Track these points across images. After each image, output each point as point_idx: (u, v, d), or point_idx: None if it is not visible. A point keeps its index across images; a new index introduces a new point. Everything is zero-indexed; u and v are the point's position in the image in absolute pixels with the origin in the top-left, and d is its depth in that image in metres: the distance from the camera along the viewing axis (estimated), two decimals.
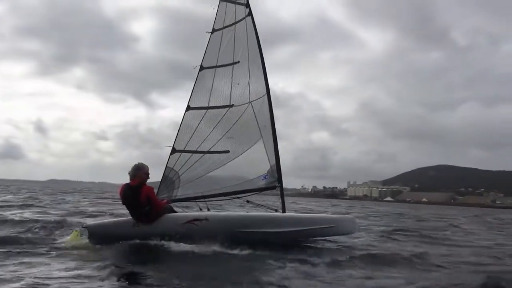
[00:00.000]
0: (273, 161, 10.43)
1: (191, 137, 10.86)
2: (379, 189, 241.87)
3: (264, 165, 10.48)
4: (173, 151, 10.79)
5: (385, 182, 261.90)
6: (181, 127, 11.00)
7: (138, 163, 9.12)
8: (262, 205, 10.68)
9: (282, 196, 10.28)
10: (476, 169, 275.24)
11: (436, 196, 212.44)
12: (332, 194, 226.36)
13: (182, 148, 10.78)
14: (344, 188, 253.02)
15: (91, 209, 18.41)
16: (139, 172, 8.91)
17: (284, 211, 10.15)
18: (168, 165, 10.65)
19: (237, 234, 8.78)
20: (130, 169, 8.94)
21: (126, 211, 9.25)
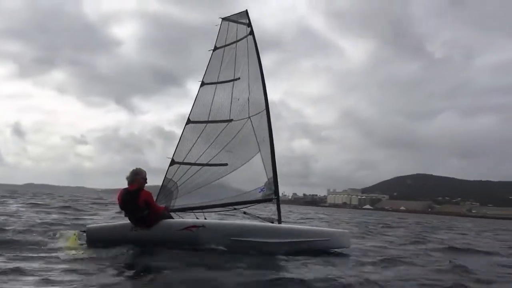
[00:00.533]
0: (271, 174, 10.86)
1: (190, 149, 11.22)
2: (359, 197, 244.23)
3: (261, 178, 10.89)
4: (172, 162, 11.13)
5: (365, 190, 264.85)
6: (181, 139, 11.36)
7: (136, 168, 9.41)
8: (258, 217, 11.04)
9: (279, 208, 10.66)
10: (453, 178, 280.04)
11: (414, 204, 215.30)
12: (312, 201, 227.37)
13: (181, 160, 11.13)
14: (324, 196, 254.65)
15: None
16: (138, 177, 9.20)
17: (280, 223, 10.53)
18: (167, 176, 11.00)
19: (232, 242, 9.21)
20: (128, 174, 9.26)
21: None
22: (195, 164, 11.11)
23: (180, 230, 9.21)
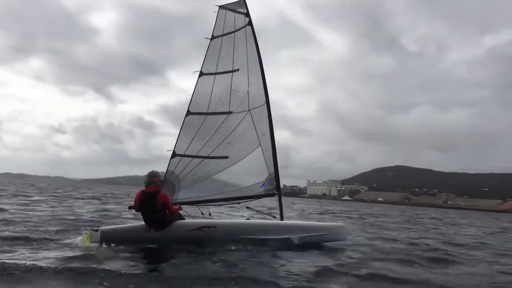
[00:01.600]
0: (272, 169, 10.95)
1: (191, 142, 11.06)
2: (338, 188, 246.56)
3: (262, 172, 10.97)
4: (174, 155, 10.95)
5: (344, 182, 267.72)
6: (181, 131, 11.16)
7: (153, 170, 9.56)
8: (261, 211, 11.29)
9: (280, 204, 10.84)
10: (431, 170, 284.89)
11: (392, 195, 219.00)
12: (291, 192, 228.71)
13: (182, 153, 10.98)
14: (304, 187, 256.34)
15: None
16: (155, 179, 9.34)
17: (282, 218, 10.77)
18: (168, 169, 10.82)
19: (241, 240, 9.48)
20: (145, 177, 9.34)
21: None
22: (196, 156, 10.98)
23: (192, 231, 9.41)
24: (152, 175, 9.36)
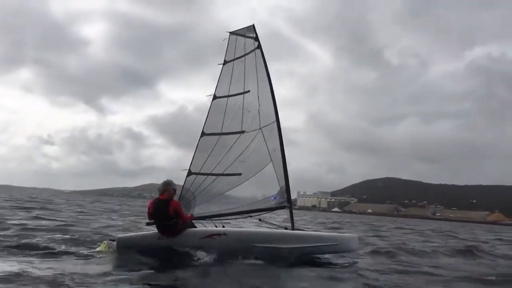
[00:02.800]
0: (283, 183, 11.45)
1: (205, 160, 11.71)
2: (328, 200, 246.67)
3: (274, 186, 11.47)
4: (189, 173, 11.61)
5: (334, 193, 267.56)
6: (196, 151, 11.83)
7: (168, 179, 10.05)
8: (273, 224, 11.64)
9: (291, 215, 11.25)
10: (420, 182, 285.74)
11: (381, 207, 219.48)
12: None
13: (197, 171, 11.63)
14: (295, 199, 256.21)
15: None
16: (169, 187, 9.81)
17: (293, 229, 11.11)
18: (184, 186, 11.46)
19: (251, 248, 9.81)
20: (160, 185, 9.89)
21: None
22: (210, 174, 11.60)
23: (203, 238, 9.77)
24: (167, 184, 9.81)
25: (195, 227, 10.33)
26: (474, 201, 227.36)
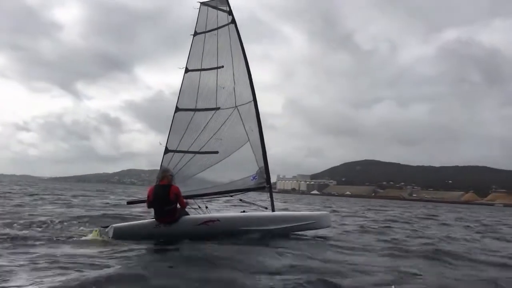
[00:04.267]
0: (261, 163, 11.38)
1: (181, 137, 11.42)
2: (307, 182, 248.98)
3: (252, 166, 11.39)
4: (166, 151, 11.33)
5: (314, 176, 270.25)
6: (172, 127, 11.49)
7: (165, 166, 10.52)
8: (254, 203, 11.83)
9: (271, 196, 11.40)
10: (398, 164, 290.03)
11: (359, 189, 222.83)
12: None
13: (174, 148, 11.35)
14: (274, 182, 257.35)
15: None
16: (167, 173, 9.92)
17: (273, 210, 11.33)
18: (163, 164, 11.19)
19: (240, 231, 10.06)
20: (158, 172, 10.05)
21: None
22: (187, 152, 11.34)
23: (198, 225, 9.95)
24: (165, 170, 10.04)
25: (188, 214, 10.30)
26: (450, 181, 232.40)
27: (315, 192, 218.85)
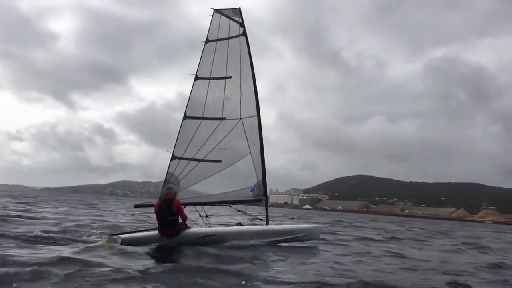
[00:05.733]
0: (260, 177, 11.82)
1: (188, 145, 11.75)
2: (300, 197, 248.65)
3: (251, 178, 11.84)
4: (173, 157, 11.68)
5: (307, 191, 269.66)
6: (179, 135, 11.80)
7: (169, 185, 11.17)
8: (250, 214, 12.47)
9: (267, 209, 11.96)
10: (391, 179, 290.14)
11: (351, 204, 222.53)
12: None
13: (180, 155, 11.69)
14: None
15: None
16: (171, 191, 10.75)
17: (267, 223, 11.89)
18: (169, 171, 11.60)
19: (236, 243, 10.61)
20: (163, 189, 10.89)
21: None
22: (193, 159, 11.67)
23: (197, 239, 10.62)
24: (169, 188, 10.82)
25: (189, 227, 10.83)
26: (442, 198, 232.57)
27: (307, 206, 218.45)
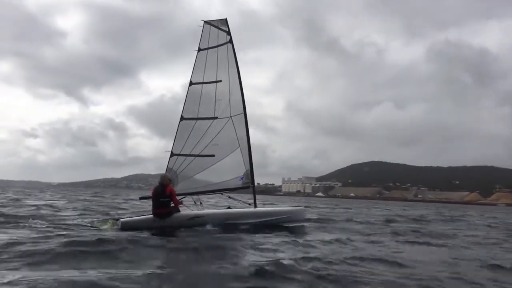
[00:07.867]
0: (248, 167, 13.52)
1: (185, 143, 13.53)
2: (312, 185, 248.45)
3: (240, 169, 13.54)
4: (172, 154, 13.51)
5: (320, 179, 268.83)
6: (177, 135, 13.60)
7: (164, 173, 12.75)
8: (240, 200, 13.87)
9: (254, 194, 13.50)
10: (405, 164, 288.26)
11: (364, 191, 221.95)
12: (265, 190, 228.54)
13: (178, 152, 13.50)
14: (280, 185, 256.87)
15: None
16: (166, 177, 12.38)
17: (255, 206, 13.44)
18: (168, 166, 13.42)
19: (223, 225, 12.09)
20: (160, 177, 12.37)
21: None
22: (189, 155, 13.45)
23: (187, 220, 12.17)
24: (164, 176, 12.41)
25: (180, 211, 12.34)
26: (457, 182, 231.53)
27: (319, 194, 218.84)
